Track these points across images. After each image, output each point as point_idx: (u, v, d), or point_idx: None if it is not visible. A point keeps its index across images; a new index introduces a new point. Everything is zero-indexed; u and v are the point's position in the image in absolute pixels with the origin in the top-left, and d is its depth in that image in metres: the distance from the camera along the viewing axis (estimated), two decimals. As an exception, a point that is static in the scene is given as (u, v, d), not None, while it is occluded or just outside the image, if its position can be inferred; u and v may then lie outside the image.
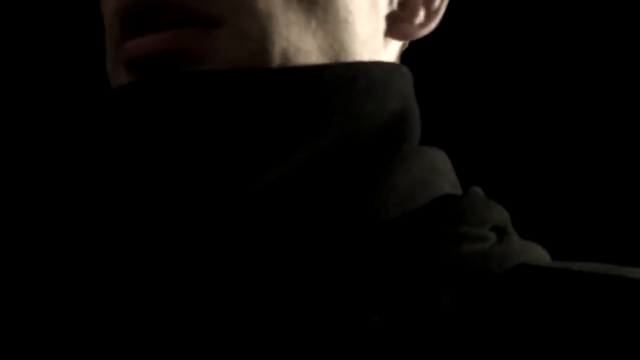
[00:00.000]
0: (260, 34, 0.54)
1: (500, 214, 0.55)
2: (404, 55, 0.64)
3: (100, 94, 0.57)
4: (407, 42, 0.63)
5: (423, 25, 0.60)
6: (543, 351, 0.45)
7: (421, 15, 0.60)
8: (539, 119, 1.39)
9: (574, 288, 0.48)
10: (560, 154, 1.37)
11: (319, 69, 0.54)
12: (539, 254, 0.54)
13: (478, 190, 0.56)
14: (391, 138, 0.55)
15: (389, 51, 0.60)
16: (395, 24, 0.60)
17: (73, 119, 0.57)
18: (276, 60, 0.54)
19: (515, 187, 1.30)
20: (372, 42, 0.58)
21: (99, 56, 0.59)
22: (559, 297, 0.47)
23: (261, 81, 0.52)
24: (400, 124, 0.56)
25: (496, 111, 1.38)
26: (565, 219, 1.33)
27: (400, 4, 0.60)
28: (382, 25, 0.59)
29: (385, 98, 0.55)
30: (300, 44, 0.54)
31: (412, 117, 0.57)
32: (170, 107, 0.52)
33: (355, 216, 0.52)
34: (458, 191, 0.57)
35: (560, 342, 0.45)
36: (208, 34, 0.53)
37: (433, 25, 0.61)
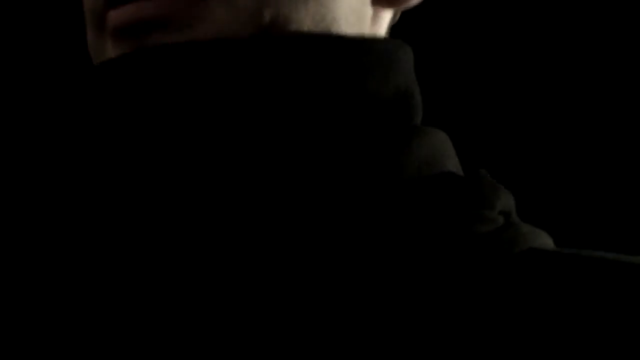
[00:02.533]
0: (250, 2, 0.53)
1: (508, 199, 0.54)
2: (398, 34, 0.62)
3: (83, 71, 0.55)
4: (397, 16, 0.62)
5: None
6: (553, 335, 0.46)
7: None
8: (538, 105, 1.39)
9: (584, 273, 0.48)
10: (558, 141, 1.38)
11: (329, 39, 0.53)
12: (545, 240, 0.54)
13: (485, 173, 0.55)
14: (394, 116, 0.54)
15: (379, 22, 0.59)
16: None
17: (56, 102, 0.53)
18: (266, 29, 0.53)
19: (514, 173, 1.30)
20: (362, 11, 0.57)
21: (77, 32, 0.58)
22: (569, 282, 0.47)
23: (263, 51, 0.52)
24: (404, 102, 0.55)
25: (492, 93, 1.38)
26: (562, 206, 1.34)
27: None
28: None
29: (389, 75, 0.54)
30: (291, 13, 0.53)
31: (415, 95, 0.56)
32: (171, 81, 0.51)
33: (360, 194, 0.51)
34: (460, 173, 0.56)
35: (570, 327, 0.46)
36: (196, 1, 0.52)
37: None
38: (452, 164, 0.56)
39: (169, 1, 0.52)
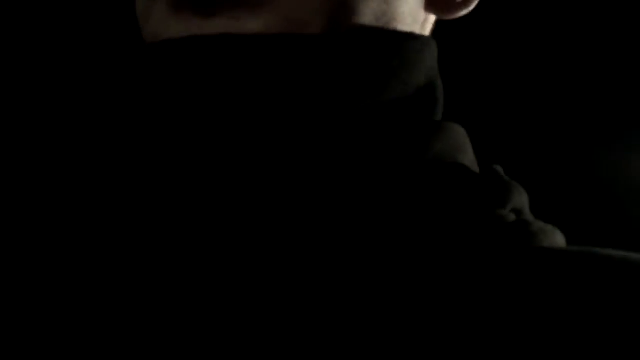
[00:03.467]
0: None
1: (521, 196, 0.55)
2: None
3: (137, 45, 0.54)
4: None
5: (462, 4, 0.60)
6: (555, 333, 0.46)
7: None
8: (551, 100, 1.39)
9: (588, 271, 0.48)
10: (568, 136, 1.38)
11: (371, 33, 0.55)
12: (557, 238, 0.54)
13: (499, 169, 0.56)
14: (414, 112, 0.55)
15: (426, 26, 0.61)
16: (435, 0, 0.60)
17: (102, 77, 0.52)
18: (334, 19, 0.54)
19: (530, 170, 1.31)
20: (417, 14, 0.58)
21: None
22: (571, 280, 0.47)
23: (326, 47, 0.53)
24: (426, 98, 0.56)
25: (513, 89, 1.39)
26: (578, 203, 1.34)
27: None
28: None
29: (414, 72, 0.55)
30: (357, 6, 0.54)
31: (438, 91, 0.57)
32: (242, 76, 0.51)
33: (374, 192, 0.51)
34: (476, 169, 0.57)
35: (573, 325, 0.46)
36: None
37: (471, 6, 0.61)
38: (468, 159, 0.56)
39: None
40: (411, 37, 0.57)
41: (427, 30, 0.61)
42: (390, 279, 0.47)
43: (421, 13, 0.59)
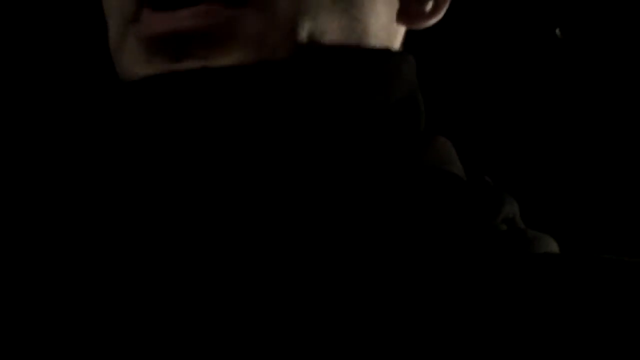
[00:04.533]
0: (289, 15, 0.54)
1: (511, 205, 0.55)
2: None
3: (115, 83, 0.55)
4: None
5: (431, 13, 0.61)
6: (563, 333, 0.46)
7: (430, 3, 0.62)
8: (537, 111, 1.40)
9: (593, 275, 0.48)
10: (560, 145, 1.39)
11: (354, 53, 0.55)
12: (550, 246, 0.55)
13: (488, 180, 0.57)
14: (399, 126, 0.55)
15: (398, 38, 0.61)
16: (407, 10, 0.61)
17: (82, 112, 0.54)
18: (303, 42, 0.54)
19: (518, 178, 1.32)
20: (389, 27, 0.59)
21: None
22: (577, 284, 0.48)
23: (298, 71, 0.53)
24: (408, 111, 0.56)
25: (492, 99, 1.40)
26: (568, 210, 1.35)
27: None
28: (395, 10, 0.60)
29: (392, 87, 0.56)
30: (326, 26, 0.55)
31: (419, 103, 0.57)
32: (229, 103, 0.52)
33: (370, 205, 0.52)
34: (464, 179, 0.57)
35: (580, 326, 0.46)
36: (236, 13, 0.53)
37: (440, 14, 0.62)
38: (456, 169, 0.56)
39: (206, 14, 0.52)
40: (386, 53, 0.58)
41: (398, 42, 0.62)
42: (391, 284, 0.48)
43: (392, 26, 0.60)
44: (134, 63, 0.55)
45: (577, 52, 1.40)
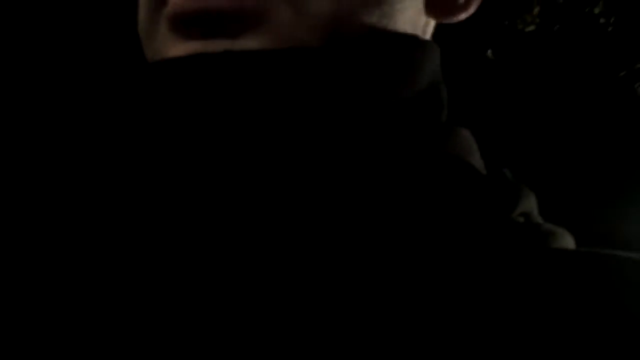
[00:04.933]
0: (320, 11, 0.53)
1: (529, 198, 0.54)
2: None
3: (142, 64, 0.55)
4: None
5: (462, 7, 0.60)
6: (575, 329, 0.44)
7: None
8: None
9: (608, 270, 0.47)
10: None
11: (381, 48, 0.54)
12: (567, 240, 0.53)
13: (508, 172, 0.55)
14: (421, 116, 0.54)
15: (427, 30, 0.60)
16: (436, 3, 0.60)
17: (105, 93, 0.52)
18: (332, 35, 0.53)
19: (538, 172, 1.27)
20: (417, 20, 0.58)
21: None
22: (592, 279, 0.47)
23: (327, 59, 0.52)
24: (430, 101, 0.55)
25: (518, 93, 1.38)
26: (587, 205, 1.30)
27: None
28: (423, 2, 0.59)
29: (416, 77, 0.55)
30: (356, 23, 0.54)
31: (442, 94, 0.56)
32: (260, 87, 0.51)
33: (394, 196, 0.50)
34: (483, 171, 0.55)
35: (592, 322, 0.44)
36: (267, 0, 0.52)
37: (472, 9, 0.60)
38: (476, 162, 0.55)
39: None
40: (412, 42, 0.56)
41: (427, 34, 0.61)
42: (405, 279, 0.47)
43: (421, 18, 0.59)
44: (163, 45, 0.54)
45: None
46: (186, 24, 0.52)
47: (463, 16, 0.61)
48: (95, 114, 0.53)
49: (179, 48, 0.53)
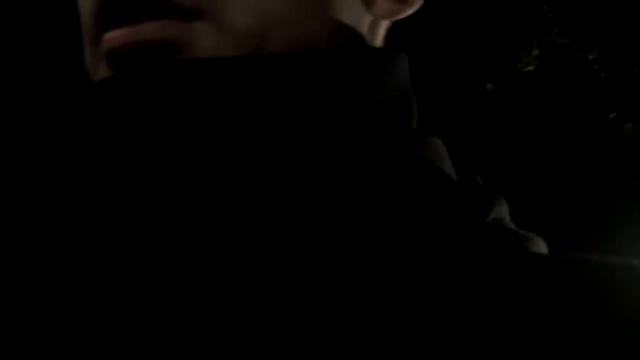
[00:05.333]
0: (246, 29, 0.53)
1: (502, 205, 0.54)
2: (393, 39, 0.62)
3: (80, 90, 0.55)
4: (391, 22, 0.61)
5: (404, 2, 0.58)
6: (554, 332, 0.44)
7: None
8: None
9: (579, 276, 0.47)
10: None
11: (319, 56, 0.53)
12: (539, 246, 0.53)
13: (479, 179, 0.56)
14: (387, 126, 0.54)
15: (377, 32, 0.59)
16: (373, 2, 0.58)
17: (56, 117, 0.54)
18: (258, 49, 0.53)
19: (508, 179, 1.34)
20: (360, 22, 0.57)
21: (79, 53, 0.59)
22: (568, 284, 0.47)
23: (263, 67, 0.52)
24: (400, 109, 0.55)
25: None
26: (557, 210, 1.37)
27: None
28: (361, 3, 0.57)
29: (383, 85, 0.55)
30: (286, 33, 0.53)
31: (411, 102, 0.56)
32: (173, 98, 0.51)
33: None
34: (455, 178, 0.55)
35: (571, 326, 0.44)
36: (196, 25, 0.52)
37: (417, 4, 0.58)
38: (448, 169, 0.55)
39: (162, 26, 0.52)
40: (369, 51, 0.56)
41: (378, 36, 0.59)
42: (388, 282, 0.46)
43: (364, 19, 0.57)
44: (101, 75, 0.55)
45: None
46: (119, 59, 0.53)
47: (409, 11, 0.59)
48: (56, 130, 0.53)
49: (113, 69, 0.54)
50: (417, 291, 0.46)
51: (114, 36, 0.53)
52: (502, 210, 0.54)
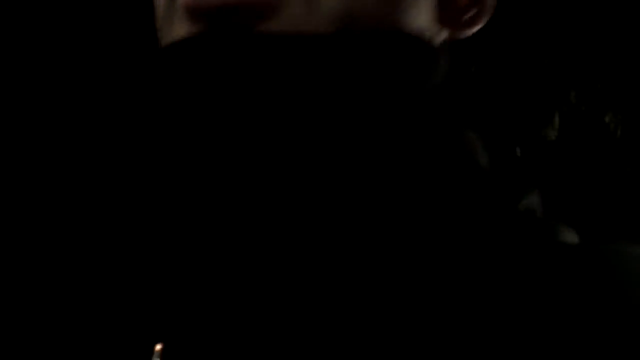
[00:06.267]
0: (333, 6, 0.56)
1: (534, 196, 0.58)
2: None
3: (152, 48, 0.55)
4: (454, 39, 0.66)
5: (470, 22, 0.64)
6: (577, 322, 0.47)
7: (471, 13, 0.66)
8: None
9: (611, 265, 0.50)
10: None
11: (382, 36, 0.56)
12: (571, 236, 0.57)
13: (513, 170, 0.59)
14: (431, 116, 0.58)
15: (437, 40, 0.64)
16: (447, 16, 0.63)
17: (122, 79, 0.46)
18: (343, 31, 0.56)
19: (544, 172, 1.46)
20: (429, 28, 0.62)
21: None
22: (597, 274, 0.49)
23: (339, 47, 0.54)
24: (440, 103, 0.59)
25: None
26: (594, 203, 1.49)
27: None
28: (436, 14, 0.62)
29: (427, 76, 0.59)
30: (368, 18, 0.57)
31: (451, 98, 0.60)
32: (248, 69, 0.52)
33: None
34: (489, 169, 0.60)
35: (595, 320, 0.47)
36: None
37: (480, 24, 0.65)
38: (484, 160, 0.60)
39: None
40: (425, 43, 0.60)
41: (437, 42, 0.64)
42: (417, 270, 0.48)
43: (433, 27, 0.62)
44: (180, 28, 0.56)
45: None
46: (204, 16, 0.54)
47: (471, 31, 0.64)
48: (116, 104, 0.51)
49: (195, 27, 0.55)
50: (449, 280, 0.48)
51: None
52: (534, 200, 0.58)
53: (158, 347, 0.45)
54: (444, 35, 0.65)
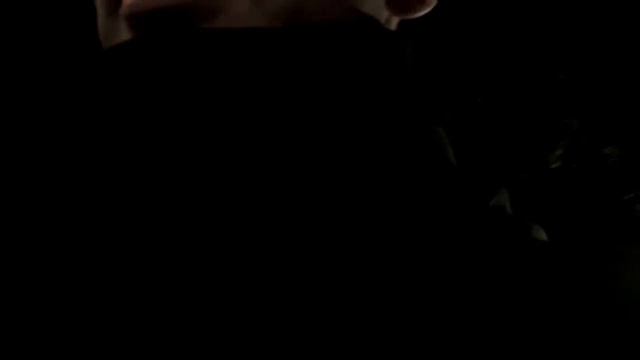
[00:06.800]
0: (278, 2, 0.52)
1: (503, 193, 0.53)
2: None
3: (92, 53, 0.51)
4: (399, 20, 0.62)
5: (421, 3, 0.59)
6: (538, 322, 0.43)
7: None
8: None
9: (578, 262, 0.46)
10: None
11: (347, 31, 0.52)
12: (537, 234, 0.52)
13: (480, 169, 0.54)
14: (400, 111, 0.53)
15: (389, 25, 0.60)
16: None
17: (63, 84, 0.49)
18: (292, 23, 0.52)
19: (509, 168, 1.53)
20: (379, 15, 0.57)
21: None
22: (562, 270, 0.45)
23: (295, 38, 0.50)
24: (406, 98, 0.53)
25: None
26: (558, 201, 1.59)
27: None
28: None
29: (393, 70, 0.54)
30: (316, 11, 0.53)
31: (416, 91, 0.54)
32: (190, 67, 0.48)
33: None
34: (455, 165, 0.55)
35: (568, 318, 0.43)
36: None
37: (430, 5, 0.59)
38: (451, 156, 0.55)
39: None
40: (379, 32, 0.55)
41: (391, 29, 0.59)
42: (397, 270, 0.44)
43: (382, 13, 0.58)
44: (120, 39, 0.53)
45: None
46: (143, 22, 0.51)
47: (421, 12, 0.59)
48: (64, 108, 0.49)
49: (137, 32, 0.51)
50: (420, 275, 0.44)
51: (136, 0, 0.51)
52: (503, 198, 0.53)
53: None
54: (395, 20, 0.61)
